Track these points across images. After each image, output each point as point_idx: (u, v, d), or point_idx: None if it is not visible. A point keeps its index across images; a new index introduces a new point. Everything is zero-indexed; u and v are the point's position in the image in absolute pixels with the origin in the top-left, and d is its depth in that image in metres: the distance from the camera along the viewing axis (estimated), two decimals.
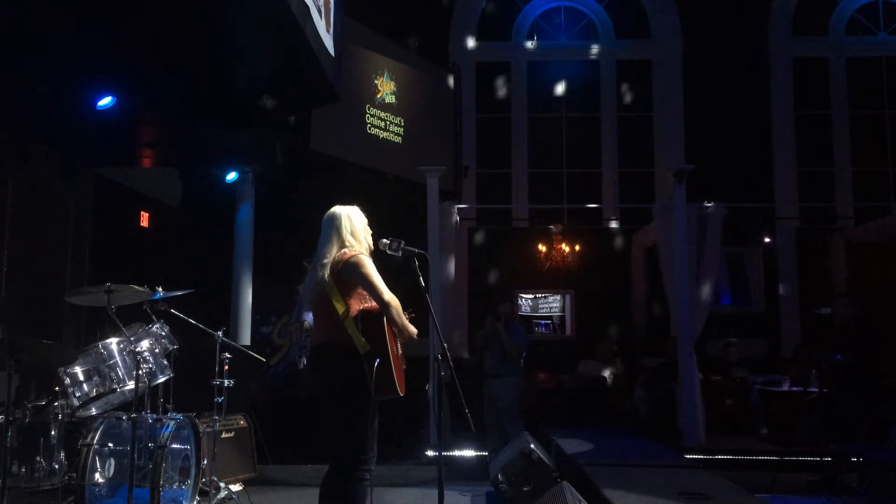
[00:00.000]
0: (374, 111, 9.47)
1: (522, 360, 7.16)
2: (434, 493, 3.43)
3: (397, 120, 9.77)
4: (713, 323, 7.89)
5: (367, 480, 3.29)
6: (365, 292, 3.35)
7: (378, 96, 9.56)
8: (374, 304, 3.34)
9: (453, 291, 8.37)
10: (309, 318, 7.88)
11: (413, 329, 3.46)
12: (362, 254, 3.38)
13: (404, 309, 3.55)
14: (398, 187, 9.41)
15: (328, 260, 3.34)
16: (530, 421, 7.12)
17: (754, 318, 10.24)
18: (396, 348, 3.35)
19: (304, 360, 8.12)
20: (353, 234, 3.43)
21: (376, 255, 3.57)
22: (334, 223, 3.44)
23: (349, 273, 3.30)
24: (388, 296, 3.27)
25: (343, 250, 3.37)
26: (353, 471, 3.25)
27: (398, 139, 9.78)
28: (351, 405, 3.25)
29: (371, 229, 3.61)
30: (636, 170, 11.31)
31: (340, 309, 3.28)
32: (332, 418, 3.33)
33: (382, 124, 9.58)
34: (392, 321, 3.29)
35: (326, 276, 3.31)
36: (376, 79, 9.54)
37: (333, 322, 3.30)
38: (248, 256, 7.46)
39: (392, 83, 9.73)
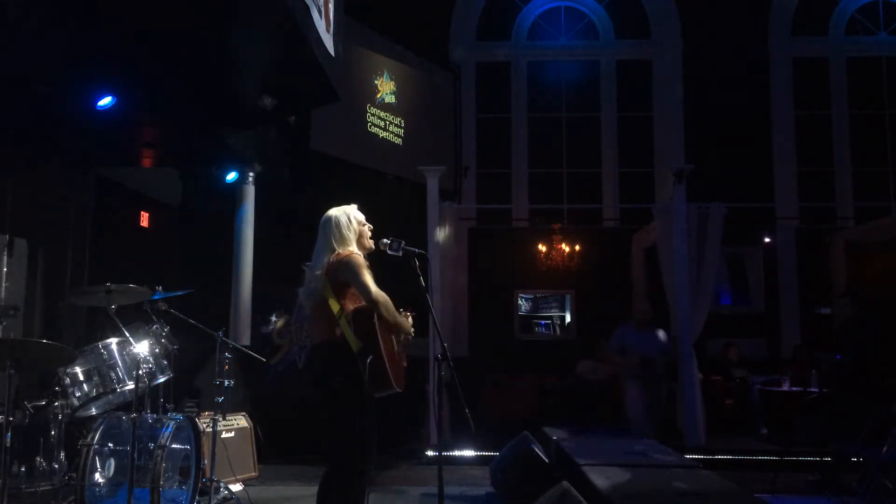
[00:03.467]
0: (374, 111, 9.46)
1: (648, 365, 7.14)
2: (434, 492, 3.44)
3: (397, 120, 9.77)
4: (713, 323, 7.89)
5: (364, 477, 3.31)
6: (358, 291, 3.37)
7: (378, 96, 9.56)
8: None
9: (453, 291, 8.37)
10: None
11: (408, 324, 3.49)
12: (355, 253, 3.40)
13: (403, 308, 3.56)
14: (398, 187, 9.41)
15: (323, 261, 3.40)
16: (530, 421, 7.11)
17: (754, 318, 10.23)
18: (392, 344, 3.37)
19: (304, 360, 8.12)
20: (347, 236, 3.45)
21: (376, 254, 3.58)
22: (328, 226, 3.48)
23: (341, 272, 3.34)
24: (376, 293, 3.28)
25: (337, 251, 3.40)
26: (351, 468, 3.27)
27: (398, 140, 9.78)
28: (348, 403, 3.27)
29: (371, 229, 3.61)
30: (636, 170, 11.31)
31: (335, 308, 3.32)
32: (329, 416, 3.35)
33: (382, 124, 9.58)
34: (383, 318, 3.29)
35: (322, 277, 3.37)
36: (376, 79, 9.54)
37: (330, 322, 3.33)
38: (248, 257, 7.45)
39: (392, 83, 9.73)
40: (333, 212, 3.53)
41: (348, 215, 3.51)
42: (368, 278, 3.30)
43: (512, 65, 11.53)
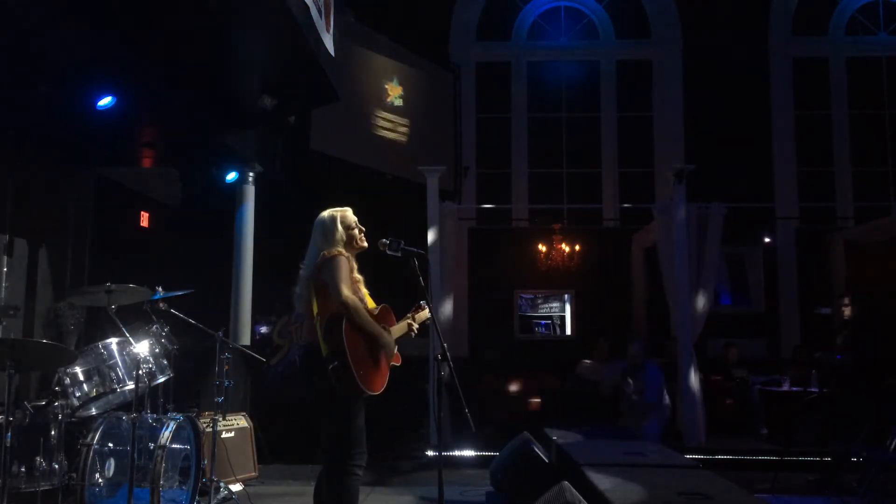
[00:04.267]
0: (383, 115, 9.51)
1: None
2: (434, 492, 3.44)
3: (404, 121, 9.81)
4: (713, 323, 7.89)
5: (358, 476, 3.32)
6: None
7: (388, 100, 9.61)
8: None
9: (453, 291, 8.36)
10: None
11: (385, 336, 3.39)
12: (340, 255, 3.39)
13: (405, 307, 3.56)
14: (398, 187, 9.41)
15: (312, 263, 3.43)
16: (530, 421, 7.11)
17: (754, 318, 10.24)
18: (365, 348, 3.32)
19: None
20: (332, 238, 3.46)
21: (376, 254, 3.58)
22: (316, 229, 3.52)
23: (323, 272, 3.35)
24: (345, 295, 3.24)
25: (323, 253, 3.41)
26: (342, 467, 3.29)
27: (404, 139, 9.80)
28: (335, 403, 3.29)
29: (371, 229, 3.62)
30: (636, 170, 11.31)
31: (315, 311, 3.35)
32: (321, 416, 3.38)
33: (391, 126, 9.63)
34: (353, 322, 3.26)
35: (308, 279, 3.41)
36: (385, 83, 9.58)
37: (312, 324, 3.37)
38: (248, 257, 7.45)
39: (400, 87, 9.78)
40: (322, 215, 3.56)
41: (334, 218, 3.51)
42: (342, 280, 3.27)
43: (512, 65, 11.53)
